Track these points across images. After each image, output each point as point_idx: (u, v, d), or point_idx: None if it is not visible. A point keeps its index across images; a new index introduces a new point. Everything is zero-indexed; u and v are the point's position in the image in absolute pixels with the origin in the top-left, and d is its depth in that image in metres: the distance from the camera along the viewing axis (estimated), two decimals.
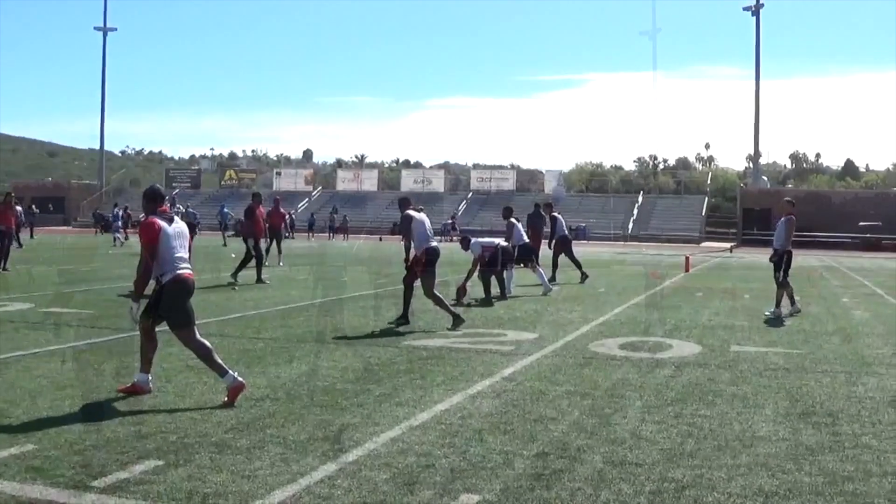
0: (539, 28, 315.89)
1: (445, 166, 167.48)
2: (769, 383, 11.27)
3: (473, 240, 21.91)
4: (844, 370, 12.49)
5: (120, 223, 57.13)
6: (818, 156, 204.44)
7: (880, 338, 16.18)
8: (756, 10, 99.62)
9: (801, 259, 49.97)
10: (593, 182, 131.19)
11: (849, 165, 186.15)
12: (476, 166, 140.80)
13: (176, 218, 10.11)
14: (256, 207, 26.67)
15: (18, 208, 41.46)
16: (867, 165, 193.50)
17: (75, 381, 10.55)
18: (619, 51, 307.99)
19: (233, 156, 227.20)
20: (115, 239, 54.80)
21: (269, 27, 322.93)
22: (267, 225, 28.85)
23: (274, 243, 33.05)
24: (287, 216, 58.35)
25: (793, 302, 19.77)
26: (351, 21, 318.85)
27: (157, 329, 9.94)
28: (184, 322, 9.76)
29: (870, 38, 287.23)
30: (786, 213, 20.09)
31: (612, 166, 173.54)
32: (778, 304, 19.46)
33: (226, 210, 63.84)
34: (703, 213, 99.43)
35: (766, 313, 19.30)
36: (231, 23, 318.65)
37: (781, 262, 19.74)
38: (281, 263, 33.39)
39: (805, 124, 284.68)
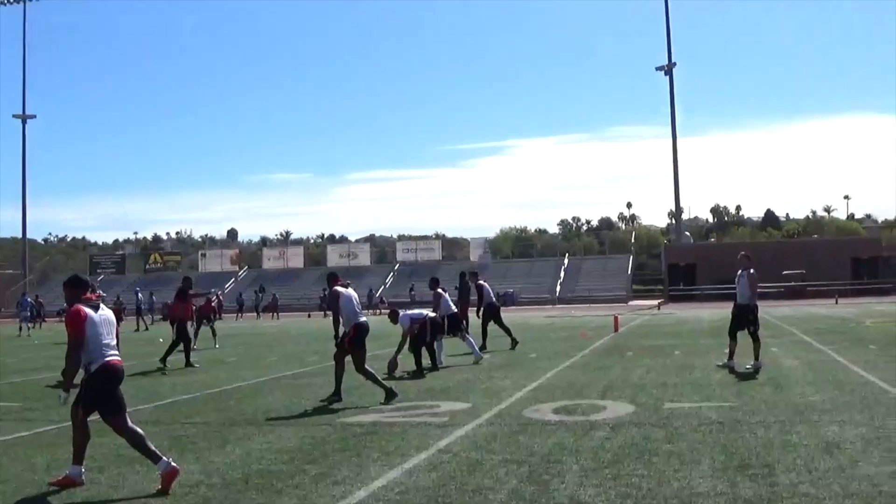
0: (457, 98, 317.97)
1: (371, 239, 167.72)
2: (704, 438, 11.32)
3: (402, 313, 21.88)
4: (778, 420, 12.59)
5: (28, 312, 56.43)
6: (738, 208, 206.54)
7: (811, 385, 16.34)
8: (669, 70, 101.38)
9: (729, 311, 50.49)
10: (518, 247, 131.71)
11: (769, 216, 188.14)
12: (401, 237, 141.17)
13: (102, 305, 10.02)
14: (186, 292, 26.55)
15: None
16: (787, 215, 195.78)
17: (6, 475, 10.37)
18: (539, 116, 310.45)
19: (157, 239, 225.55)
20: (20, 328, 54.16)
21: (188, 109, 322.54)
22: (195, 308, 28.81)
23: (207, 326, 33.47)
24: (216, 298, 58.04)
25: (731, 356, 19.93)
26: (269, 99, 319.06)
27: (88, 419, 9.80)
28: (115, 410, 9.65)
29: (784, 92, 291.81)
30: (745, 267, 20.22)
31: (536, 230, 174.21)
32: (757, 357, 19.62)
33: (140, 295, 63.27)
34: (629, 272, 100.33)
35: (748, 367, 19.51)
36: (149, 106, 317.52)
37: (752, 316, 19.89)
38: (217, 345, 33.70)
39: (724, 178, 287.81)
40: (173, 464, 9.40)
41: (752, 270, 20.15)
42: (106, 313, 9.94)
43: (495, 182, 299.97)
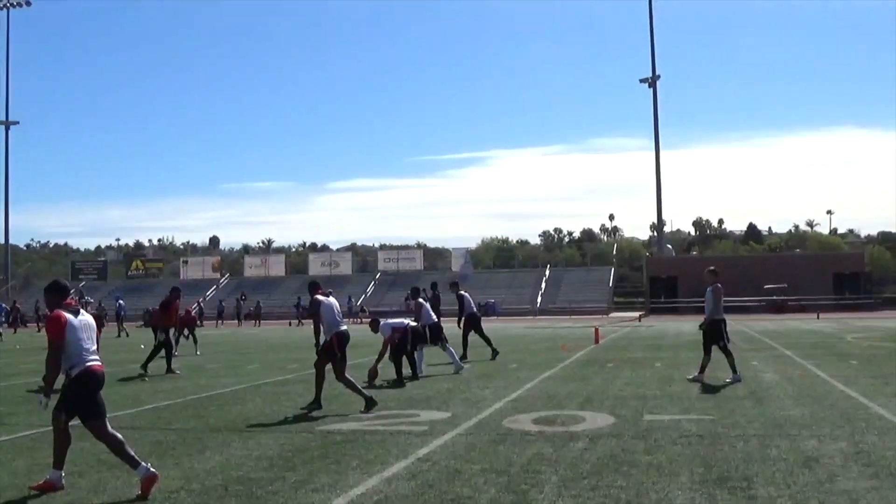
0: (440, 108, 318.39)
1: (352, 248, 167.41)
2: (683, 451, 11.34)
3: (383, 321, 21.88)
4: (757, 433, 12.62)
5: (2, 318, 56.55)
6: (721, 221, 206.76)
7: (791, 399, 16.39)
8: (653, 82, 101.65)
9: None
10: (500, 258, 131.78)
11: (751, 230, 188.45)
12: (383, 247, 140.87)
13: (82, 310, 10.01)
14: (173, 301, 26.53)
15: None
16: (770, 229, 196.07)
17: None
18: (520, 127, 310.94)
19: (139, 245, 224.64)
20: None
21: (170, 115, 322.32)
22: (181, 317, 28.91)
23: (188, 334, 33.89)
24: (197, 306, 58.00)
25: (702, 370, 19.97)
26: (252, 107, 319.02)
27: (69, 424, 9.79)
28: (95, 414, 9.64)
29: (768, 106, 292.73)
30: (711, 282, 20.34)
31: (517, 241, 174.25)
32: (734, 370, 19.72)
33: (121, 301, 63.22)
34: (611, 284, 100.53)
35: (727, 380, 19.58)
36: (132, 113, 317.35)
37: (720, 330, 19.99)
38: (198, 353, 33.90)
39: (707, 191, 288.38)
40: (152, 469, 9.38)
41: (717, 285, 20.20)
42: (86, 318, 9.93)
43: (477, 192, 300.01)
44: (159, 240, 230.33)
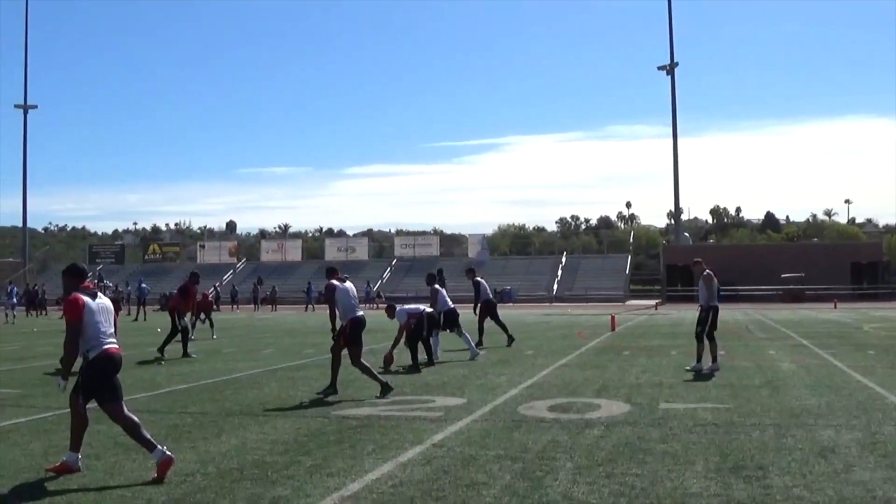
0: (457, 94, 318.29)
1: (369, 234, 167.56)
2: (699, 439, 11.32)
3: (399, 307, 21.86)
4: (773, 423, 12.58)
5: (15, 300, 56.87)
6: (738, 210, 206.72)
7: (808, 389, 16.34)
8: (671, 70, 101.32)
9: (727, 313, 50.48)
10: (516, 244, 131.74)
11: (769, 218, 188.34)
12: (399, 233, 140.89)
13: (99, 293, 10.02)
14: (192, 286, 26.55)
15: None
16: (787, 217, 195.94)
17: (4, 461, 10.37)
18: (537, 113, 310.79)
19: (156, 230, 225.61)
20: (6, 315, 54.37)
21: (188, 101, 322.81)
22: (197, 302, 29.00)
23: (205, 319, 34.22)
24: (213, 290, 58.19)
25: (714, 359, 19.93)
26: (269, 92, 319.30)
27: (87, 406, 9.81)
28: (112, 397, 9.66)
29: (786, 94, 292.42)
30: (699, 272, 20.40)
31: (534, 228, 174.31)
32: (699, 359, 19.67)
33: (144, 285, 63.42)
34: (627, 272, 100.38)
35: (687, 368, 19.59)
36: (150, 97, 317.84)
37: (707, 317, 19.97)
38: (214, 337, 34.23)
39: (724, 179, 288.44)
40: (168, 452, 9.40)
41: (706, 273, 20.26)
42: (104, 301, 9.94)
43: (494, 179, 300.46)
44: (176, 224, 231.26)
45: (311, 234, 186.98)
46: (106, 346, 9.62)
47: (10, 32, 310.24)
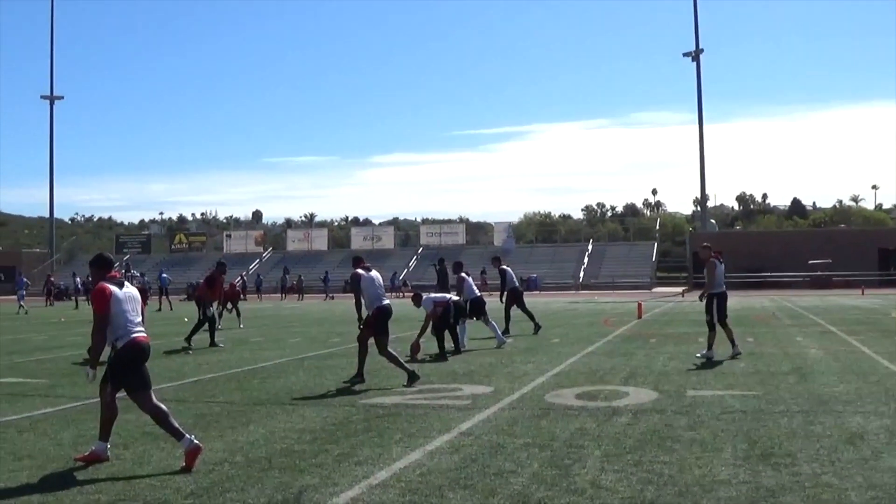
0: (481, 82, 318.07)
1: (395, 222, 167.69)
2: (727, 426, 11.29)
3: (425, 296, 21.86)
4: (801, 410, 12.54)
5: (24, 291, 57.25)
6: (765, 196, 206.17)
7: (836, 376, 16.27)
8: (696, 56, 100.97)
9: (755, 300, 50.41)
10: (542, 232, 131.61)
11: (795, 204, 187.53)
12: (425, 221, 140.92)
13: (126, 283, 10.06)
14: (219, 276, 26.64)
15: None
16: (814, 203, 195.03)
17: (33, 451, 10.43)
18: (562, 100, 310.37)
19: (182, 219, 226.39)
20: (20, 307, 54.68)
21: (213, 90, 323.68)
22: (224, 291, 29.15)
23: (232, 308, 34.52)
24: (240, 279, 58.34)
25: (733, 344, 19.88)
26: (294, 82, 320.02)
27: (116, 396, 9.84)
28: (140, 386, 9.70)
29: (810, 80, 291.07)
30: (705, 257, 20.44)
31: (560, 216, 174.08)
32: (710, 347, 19.67)
33: (165, 275, 63.72)
34: (654, 259, 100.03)
35: (697, 355, 19.65)
36: (175, 87, 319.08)
37: (712, 304, 19.95)
38: (241, 326, 34.37)
39: (750, 166, 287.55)
40: (196, 441, 9.43)
41: (713, 259, 20.49)
42: (131, 290, 9.98)
43: (519, 167, 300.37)
44: (202, 214, 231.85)
45: (336, 224, 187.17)
46: (134, 335, 9.65)
47: (35, 24, 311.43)
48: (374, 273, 16.84)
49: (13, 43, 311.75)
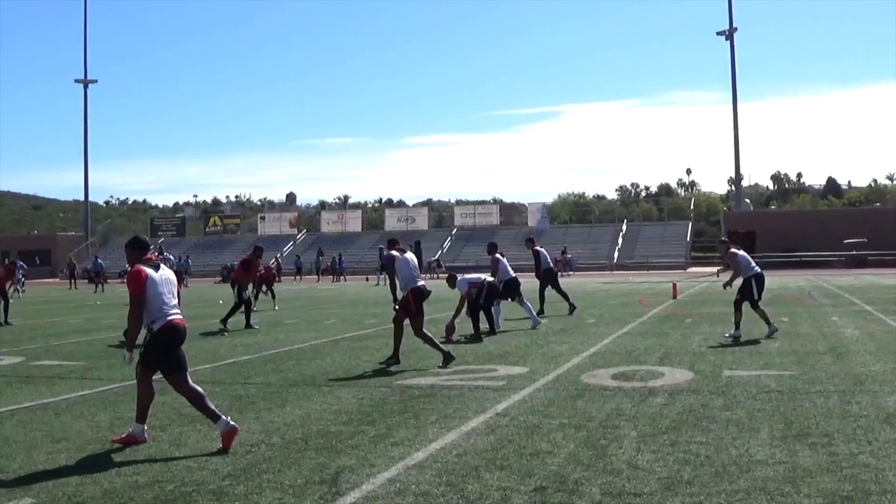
0: (514, 62, 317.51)
1: (429, 204, 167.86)
2: (763, 406, 11.26)
3: (460, 277, 21.87)
4: (838, 390, 12.50)
5: (22, 275, 57.30)
6: (800, 175, 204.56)
7: (872, 355, 16.20)
8: (730, 35, 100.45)
9: (790, 279, 50.18)
10: (576, 213, 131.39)
11: (831, 183, 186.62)
12: (459, 202, 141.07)
13: (162, 265, 10.09)
14: (255, 259, 26.71)
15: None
16: (849, 182, 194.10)
17: (70, 433, 10.50)
18: (595, 81, 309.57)
19: (216, 202, 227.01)
20: (16, 290, 54.79)
21: (247, 73, 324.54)
22: (260, 274, 29.32)
23: (267, 290, 34.88)
24: (275, 261, 58.53)
25: (768, 323, 19.85)
26: (326, 63, 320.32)
27: (152, 378, 9.90)
28: (176, 368, 9.74)
29: (844, 58, 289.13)
30: (723, 251, 20.71)
31: (594, 196, 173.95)
32: (737, 327, 19.73)
33: (188, 259, 64.06)
34: (688, 239, 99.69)
35: (725, 335, 19.74)
36: (209, 70, 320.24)
37: (751, 287, 19.97)
38: (276, 308, 34.47)
39: (785, 145, 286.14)
40: (233, 423, 9.47)
41: (732, 251, 20.84)
42: (167, 273, 10.00)
43: (552, 147, 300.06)
44: (236, 196, 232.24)
45: (370, 205, 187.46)
46: (170, 318, 9.68)
47: (69, 8, 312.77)
48: (410, 254, 16.85)
49: (47, 27, 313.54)
